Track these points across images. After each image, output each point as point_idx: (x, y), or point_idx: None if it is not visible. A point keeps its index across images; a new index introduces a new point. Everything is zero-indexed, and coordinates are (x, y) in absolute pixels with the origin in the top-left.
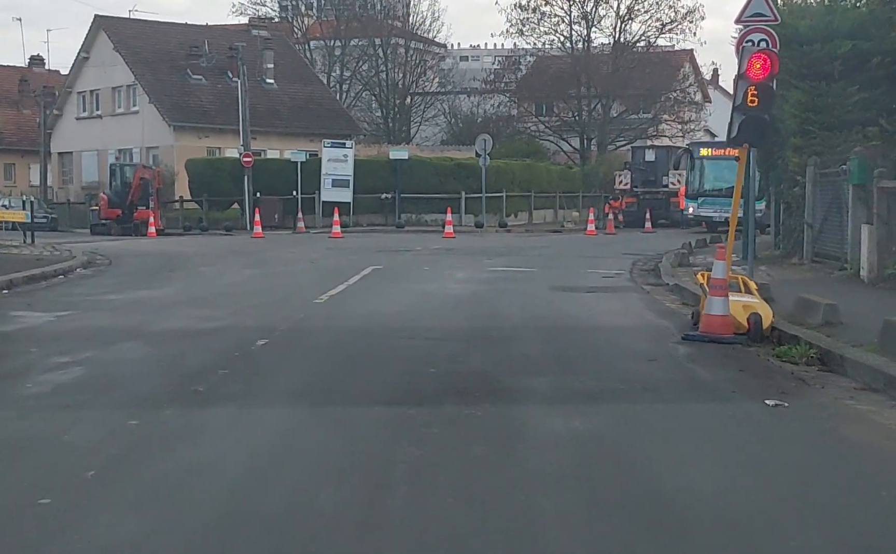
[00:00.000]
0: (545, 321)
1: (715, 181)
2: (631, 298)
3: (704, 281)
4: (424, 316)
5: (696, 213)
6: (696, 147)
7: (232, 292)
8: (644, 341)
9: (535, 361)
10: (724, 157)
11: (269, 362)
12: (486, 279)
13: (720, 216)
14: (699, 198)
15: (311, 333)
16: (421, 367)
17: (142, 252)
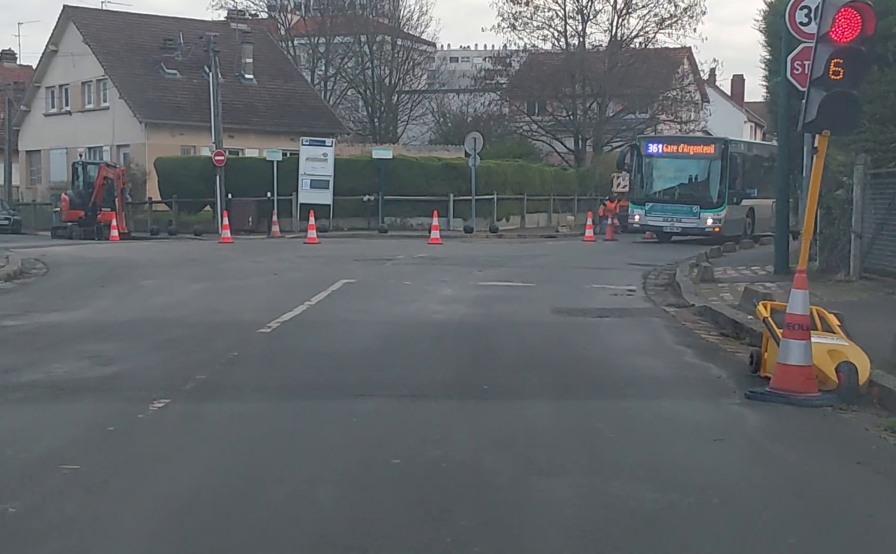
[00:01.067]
0: (555, 366)
1: (667, 183)
2: (655, 325)
3: (768, 313)
4: (396, 356)
5: (643, 222)
6: (645, 141)
7: (160, 318)
8: (695, 402)
9: (548, 444)
10: (679, 155)
11: (139, 458)
12: (477, 299)
13: (673, 226)
14: (647, 203)
15: (230, 391)
16: (377, 457)
17: (90, 260)
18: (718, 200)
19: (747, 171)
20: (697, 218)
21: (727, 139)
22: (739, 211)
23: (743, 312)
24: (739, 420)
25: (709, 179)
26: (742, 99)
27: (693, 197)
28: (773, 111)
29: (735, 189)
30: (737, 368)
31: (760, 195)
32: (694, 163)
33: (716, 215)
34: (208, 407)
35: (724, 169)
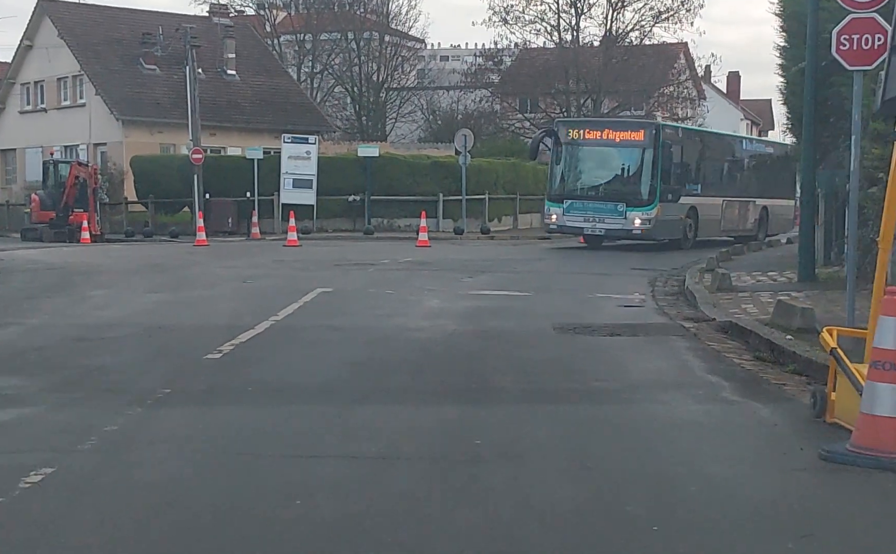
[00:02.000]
0: (564, 409)
1: (588, 175)
2: (676, 347)
3: (835, 342)
4: (366, 393)
5: (560, 223)
6: (563, 125)
7: (93, 338)
8: (752, 468)
9: (563, 546)
10: (602, 142)
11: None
12: (466, 312)
13: (595, 228)
14: (565, 200)
15: (140, 452)
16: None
17: (47, 265)
18: (648, 197)
19: (687, 164)
20: (623, 218)
21: (659, 123)
22: (676, 210)
23: (778, 330)
24: (824, 498)
25: (636, 172)
26: (738, 96)
27: (619, 193)
28: (791, 102)
29: (670, 184)
30: (791, 409)
31: (706, 192)
32: (619, 152)
33: (644, 215)
34: (102, 481)
35: (655, 159)
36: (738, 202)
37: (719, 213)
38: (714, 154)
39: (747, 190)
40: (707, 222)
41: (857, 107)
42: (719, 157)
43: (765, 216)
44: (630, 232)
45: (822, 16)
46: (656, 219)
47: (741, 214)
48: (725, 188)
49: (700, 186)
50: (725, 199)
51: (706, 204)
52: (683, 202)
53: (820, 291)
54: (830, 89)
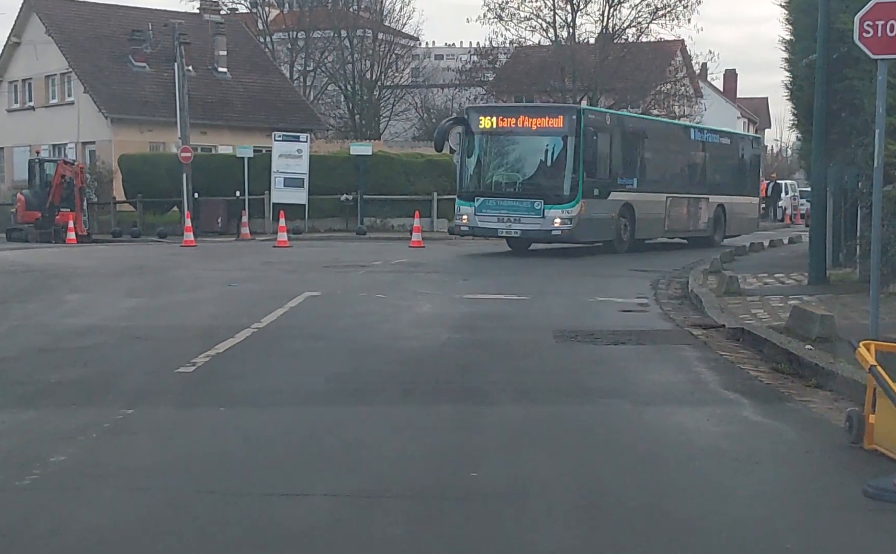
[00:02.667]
0: (568, 431)
1: (502, 169)
2: (686, 357)
3: (874, 359)
4: (349, 414)
5: (472, 224)
6: (474, 112)
7: (59, 349)
8: (787, 506)
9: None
10: (517, 130)
11: None
12: (461, 318)
13: (511, 229)
14: (477, 197)
15: (93, 484)
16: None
17: (26, 267)
18: (570, 193)
19: (619, 155)
20: (541, 217)
21: (581, 108)
22: (606, 207)
23: (795, 338)
24: (875, 546)
25: (556, 164)
26: (734, 94)
27: (536, 188)
28: (798, 98)
29: (596, 177)
30: (822, 432)
31: (645, 187)
32: (536, 141)
33: (565, 213)
34: (33, 531)
35: (577, 149)
36: (687, 199)
37: (662, 212)
38: (654, 144)
39: (699, 185)
40: (646, 221)
41: (881, 98)
42: (662, 148)
43: (721, 215)
44: (549, 233)
45: (833, 6)
46: (579, 217)
47: (691, 213)
48: (670, 183)
49: (637, 180)
50: (670, 195)
51: (645, 200)
52: (615, 198)
53: (833, 295)
54: (842, 83)
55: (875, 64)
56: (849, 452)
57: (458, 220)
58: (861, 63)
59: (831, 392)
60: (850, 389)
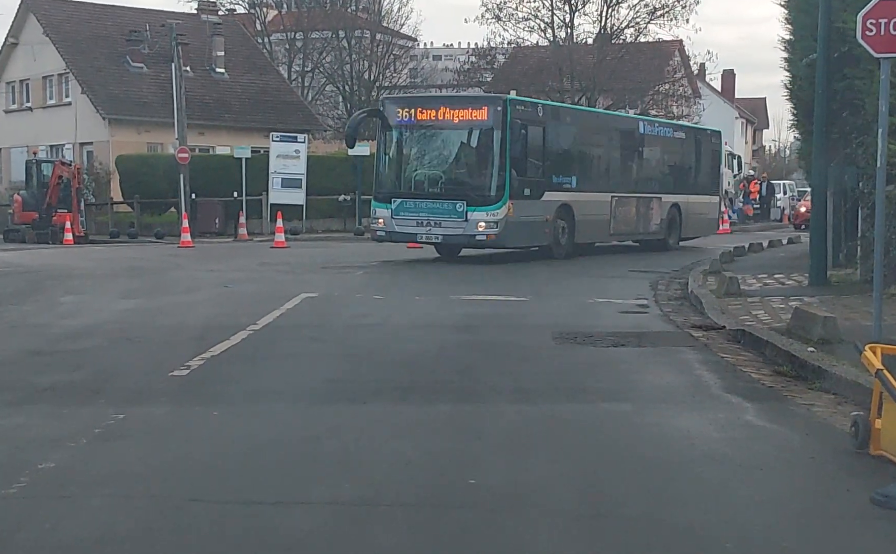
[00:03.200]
0: (568, 436)
1: (422, 168)
2: (687, 359)
3: (880, 363)
4: (345, 419)
5: (389, 229)
6: (390, 105)
7: (51, 352)
8: (793, 515)
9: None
10: (437, 123)
11: None
12: (459, 319)
13: (432, 235)
14: (394, 199)
15: (81, 492)
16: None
17: (22, 268)
18: (496, 193)
19: (555, 150)
20: (464, 220)
21: (507, 98)
22: (539, 209)
23: (797, 340)
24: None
25: (480, 160)
26: (733, 95)
27: (458, 188)
28: (798, 97)
29: (527, 175)
30: (826, 437)
31: (586, 186)
32: (459, 135)
33: (490, 216)
34: (17, 539)
35: (504, 144)
36: (636, 199)
37: (607, 213)
38: (597, 139)
39: (650, 184)
40: (588, 224)
41: (884, 97)
42: (605, 144)
43: (676, 216)
44: (474, 238)
45: (833, 4)
46: (507, 220)
47: (641, 214)
48: (617, 181)
49: (576, 179)
50: (616, 194)
51: (586, 201)
52: (550, 199)
53: (834, 296)
54: (842, 83)
55: (878, 63)
56: (854, 458)
57: (374, 225)
58: (862, 62)
59: (835, 395)
60: (853, 393)
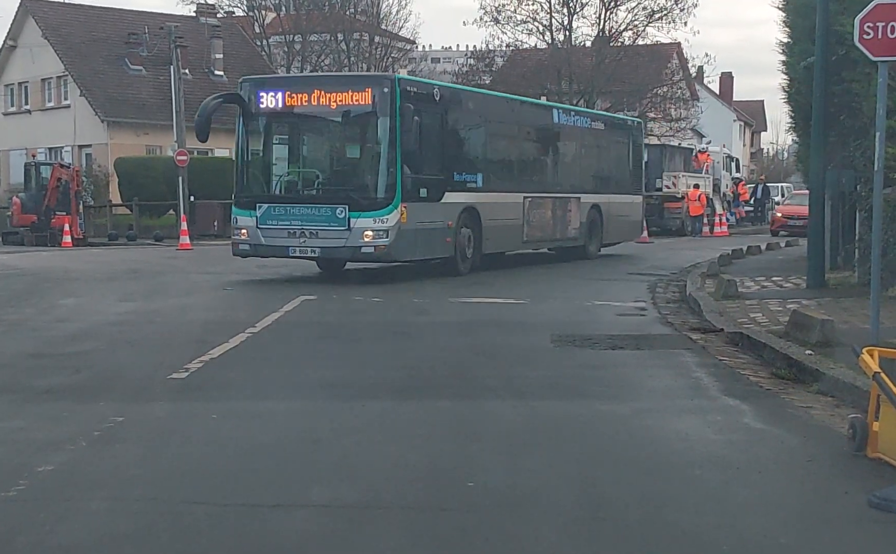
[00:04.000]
0: (567, 440)
1: (294, 166)
2: (686, 362)
3: (877, 365)
4: (343, 422)
5: (254, 241)
6: (251, 88)
7: (55, 353)
8: (790, 517)
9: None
10: (310, 110)
11: None
12: (458, 322)
13: (307, 247)
14: (259, 204)
15: (80, 495)
16: None
17: (20, 270)
18: (385, 195)
19: (455, 142)
20: (346, 228)
21: (397, 77)
22: (439, 213)
23: (795, 343)
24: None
25: (364, 155)
26: (731, 97)
27: (339, 190)
28: (796, 100)
29: (423, 173)
30: (824, 439)
31: (494, 185)
32: (337, 124)
33: (379, 223)
34: (15, 543)
35: (393, 134)
36: (552, 200)
37: (519, 216)
38: (506, 129)
39: (567, 182)
40: (498, 230)
41: (882, 100)
42: (517, 134)
43: (598, 219)
44: (359, 251)
45: (831, 8)
46: (399, 228)
47: (558, 217)
48: (529, 179)
49: (482, 176)
50: (529, 195)
51: (494, 203)
52: (452, 200)
53: (832, 299)
54: (840, 86)
55: (875, 66)
56: (852, 461)
57: (236, 235)
58: (860, 65)
59: (833, 398)
60: (851, 395)
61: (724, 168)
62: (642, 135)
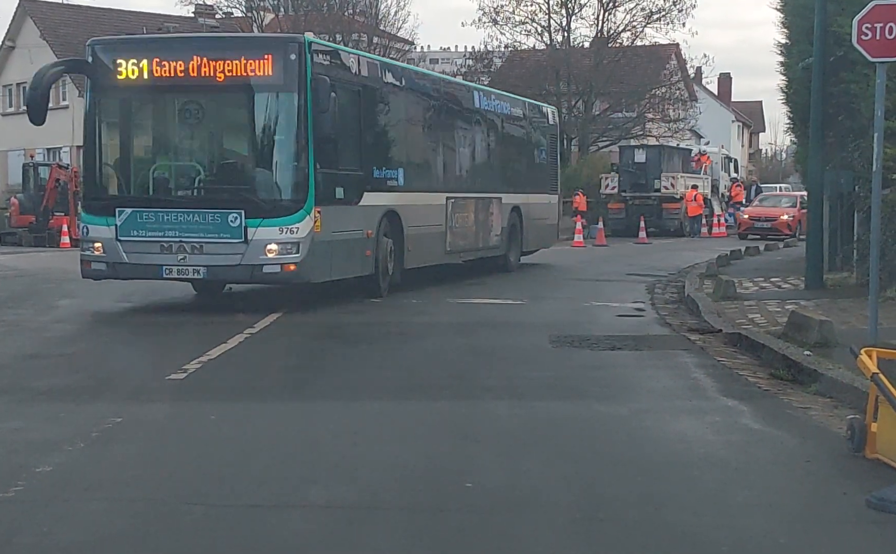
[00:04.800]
0: (565, 440)
1: (170, 159)
2: (684, 363)
3: (876, 366)
4: (341, 422)
5: (111, 257)
6: (104, 53)
7: (53, 353)
8: (789, 518)
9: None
10: (199, 85)
11: None
12: (456, 323)
13: (188, 266)
14: (120, 209)
15: (78, 495)
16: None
17: (18, 271)
18: (295, 195)
19: (375, 126)
20: (242, 241)
21: (307, 38)
22: (358, 218)
23: (793, 343)
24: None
25: (265, 143)
26: (729, 98)
27: (231, 189)
28: (794, 101)
29: (340, 168)
30: (822, 440)
31: (415, 183)
32: (226, 102)
33: (287, 234)
34: (16, 542)
35: (303, 114)
36: (475, 201)
37: (442, 222)
38: (428, 115)
39: (488, 180)
40: (421, 239)
41: (880, 101)
42: (437, 122)
43: (518, 223)
44: (260, 270)
45: (829, 8)
46: (313, 240)
47: (480, 222)
48: (451, 177)
49: (403, 173)
50: (452, 195)
51: (416, 206)
52: (371, 203)
53: (830, 299)
54: (838, 87)
55: (873, 67)
56: (850, 462)
57: (87, 252)
58: (858, 66)
59: (831, 399)
60: (850, 396)
61: (722, 169)
62: (558, 125)
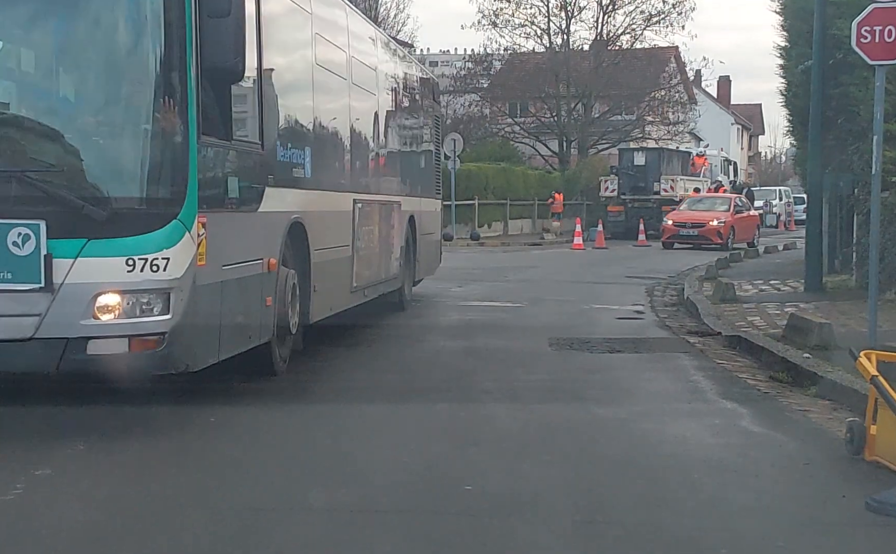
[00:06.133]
0: (564, 443)
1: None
2: (683, 365)
3: (875, 369)
4: (339, 426)
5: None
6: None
7: None
8: (789, 521)
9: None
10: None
11: None
12: (455, 326)
13: None
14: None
15: (77, 496)
16: None
17: None
18: (158, 191)
19: (276, 85)
20: (42, 287)
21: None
22: (257, 237)
23: (793, 346)
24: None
25: (97, 88)
26: (728, 101)
27: (17, 185)
28: (794, 104)
29: (231, 137)
30: (822, 443)
31: (322, 179)
32: (36, 31)
33: (141, 270)
34: (19, 544)
35: (172, 25)
36: (380, 207)
37: (349, 241)
38: (334, 78)
39: (390, 176)
40: (326, 270)
41: (879, 104)
42: (346, 85)
43: (411, 240)
44: (80, 350)
45: (828, 11)
46: (196, 284)
47: (383, 239)
48: (358, 167)
49: (311, 155)
50: (359, 196)
51: (323, 214)
52: (273, 207)
53: (830, 302)
54: (838, 89)
55: (873, 70)
56: (850, 464)
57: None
58: (857, 69)
59: (830, 401)
60: (849, 399)
61: (721, 172)
62: (439, 104)
